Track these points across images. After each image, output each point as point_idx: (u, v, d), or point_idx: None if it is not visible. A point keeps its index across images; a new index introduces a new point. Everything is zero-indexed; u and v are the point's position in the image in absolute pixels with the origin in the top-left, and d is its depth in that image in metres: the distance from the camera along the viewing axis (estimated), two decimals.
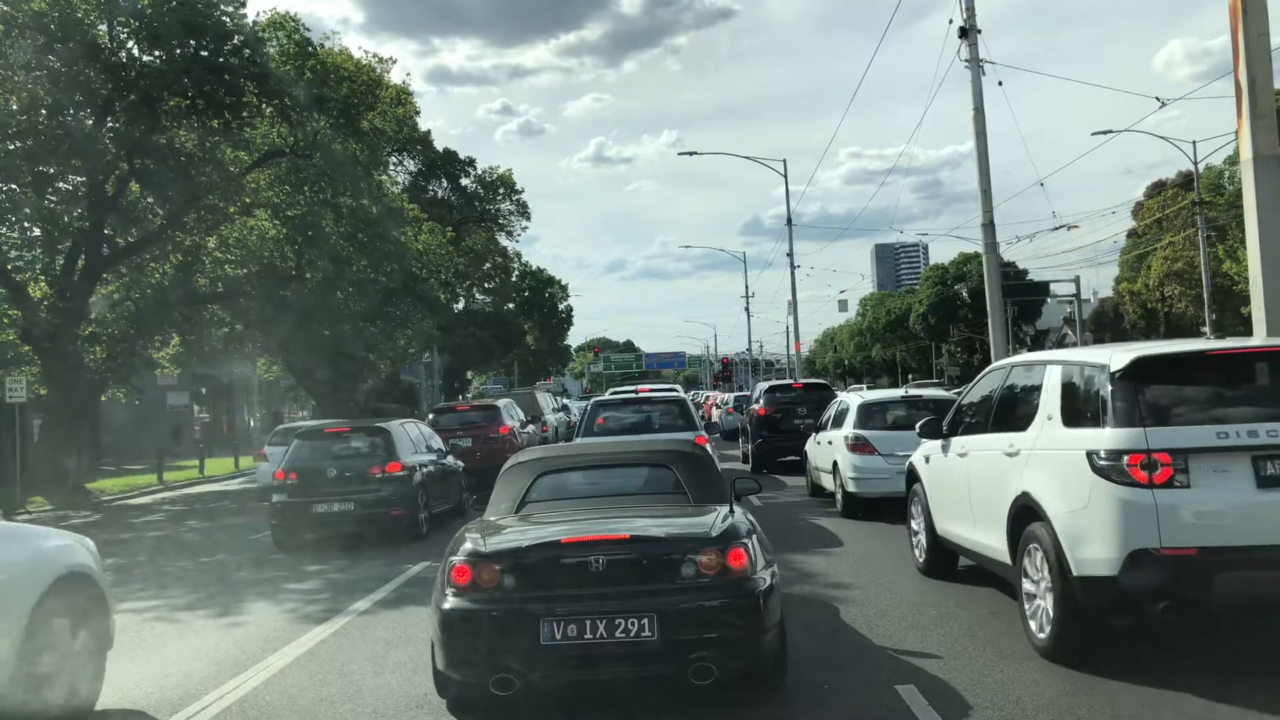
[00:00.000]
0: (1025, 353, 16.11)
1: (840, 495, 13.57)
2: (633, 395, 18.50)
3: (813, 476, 15.83)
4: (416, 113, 38.68)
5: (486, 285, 55.31)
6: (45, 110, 22.11)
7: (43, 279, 25.10)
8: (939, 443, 8.51)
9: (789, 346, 52.90)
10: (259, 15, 26.69)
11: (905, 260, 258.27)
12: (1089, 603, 5.78)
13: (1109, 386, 5.82)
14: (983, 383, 8.24)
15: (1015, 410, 7.12)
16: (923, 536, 8.92)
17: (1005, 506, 6.68)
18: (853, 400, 14.37)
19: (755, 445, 20.87)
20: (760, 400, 21.78)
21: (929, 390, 20.64)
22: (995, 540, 6.98)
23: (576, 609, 5.10)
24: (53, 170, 23.55)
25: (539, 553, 5.40)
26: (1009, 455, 6.78)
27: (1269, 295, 9.38)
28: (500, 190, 50.75)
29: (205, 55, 22.92)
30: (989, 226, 19.40)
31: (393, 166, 42.73)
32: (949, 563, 8.64)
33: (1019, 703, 5.33)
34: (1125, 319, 62.05)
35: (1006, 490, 6.68)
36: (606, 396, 19.65)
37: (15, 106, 21.70)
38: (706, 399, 47.77)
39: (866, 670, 6.14)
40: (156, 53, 22.89)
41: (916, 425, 9.07)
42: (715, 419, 37.19)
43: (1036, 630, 6.24)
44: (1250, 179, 9.46)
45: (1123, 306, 62.74)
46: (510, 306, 62.23)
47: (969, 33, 18.71)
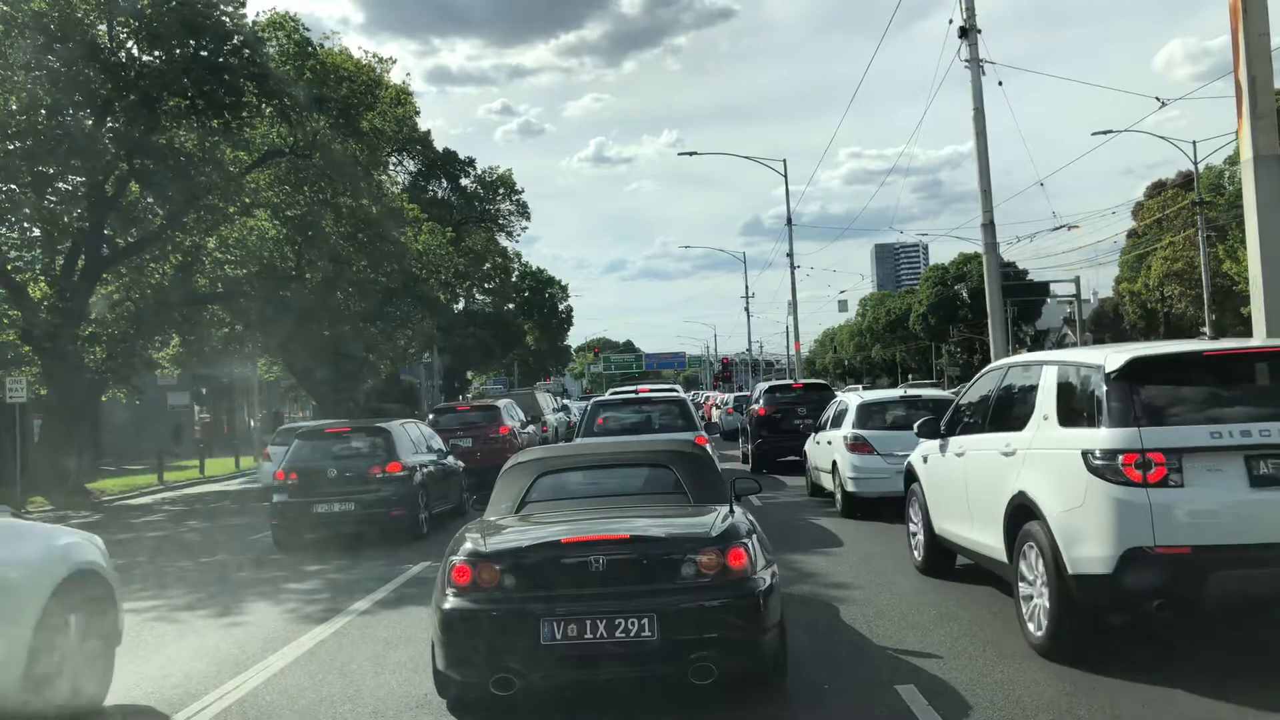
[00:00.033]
0: (1025, 353, 16.13)
1: (840, 495, 13.59)
2: (633, 395, 18.52)
3: (812, 476, 15.85)
4: (416, 113, 38.75)
5: (486, 285, 55.36)
6: (45, 110, 22.12)
7: (43, 279, 25.10)
8: (937, 442, 8.54)
9: (789, 347, 52.94)
10: (259, 15, 26.67)
11: (905, 260, 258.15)
12: (1084, 601, 5.82)
13: (1104, 387, 5.86)
14: (980, 383, 8.28)
15: (1012, 410, 7.16)
16: (921, 536, 8.95)
17: (1002, 506, 6.71)
18: (852, 400, 14.38)
19: (755, 445, 20.89)
20: (760, 400, 21.80)
21: (927, 390, 20.66)
22: (992, 539, 7.02)
23: (576, 609, 5.11)
24: (53, 170, 23.54)
25: (539, 553, 5.41)
26: (1006, 455, 6.82)
27: (1269, 295, 9.39)
28: (500, 190, 50.79)
29: (205, 55, 22.92)
30: (989, 226, 19.41)
31: (393, 166, 42.78)
32: (947, 562, 8.69)
33: (1019, 703, 5.34)
34: (1125, 319, 62.09)
35: (1003, 489, 6.71)
36: (606, 397, 19.65)
37: (15, 106, 21.71)
38: (706, 399, 47.77)
39: (866, 670, 6.15)
40: (156, 53, 22.89)
41: (914, 425, 9.11)
42: (715, 419, 37.20)
43: (1033, 628, 6.28)
44: (1250, 179, 9.48)
45: (1123, 307, 62.78)
46: (510, 307, 62.27)
47: (969, 33, 18.72)
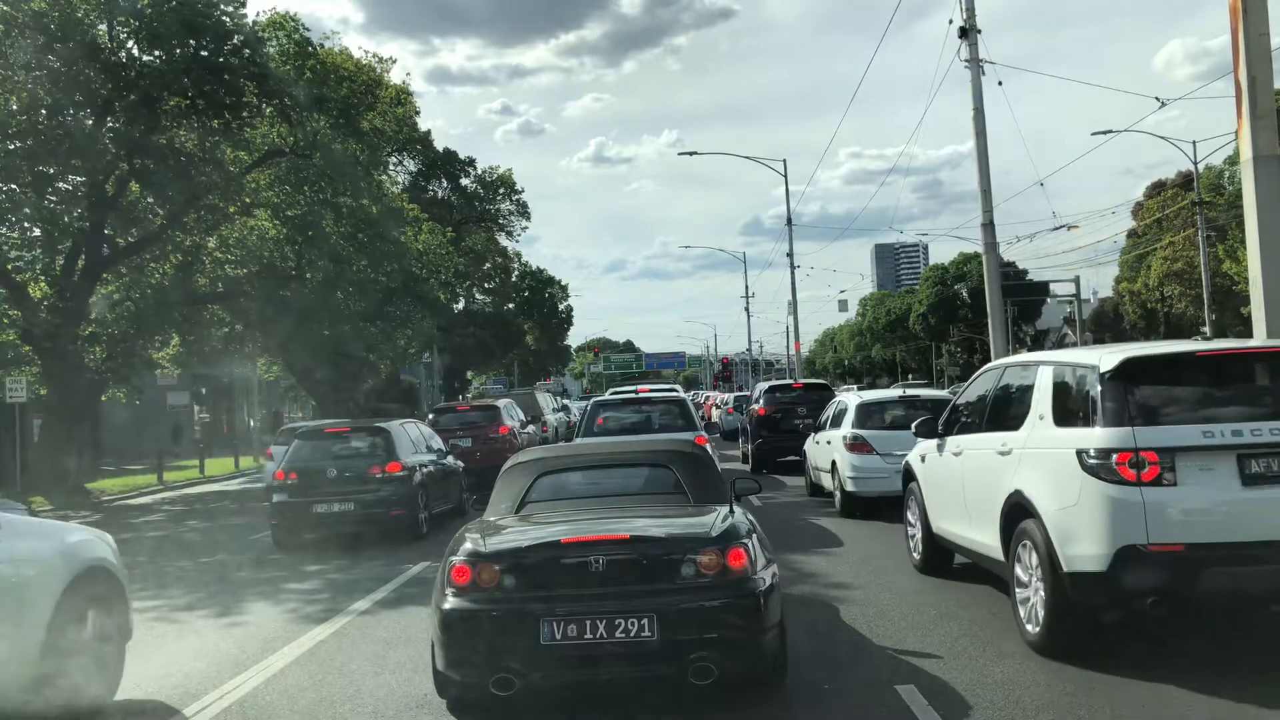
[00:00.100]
0: (1024, 353, 16.14)
1: (839, 495, 13.60)
2: (632, 395, 18.51)
3: (812, 476, 15.85)
4: (416, 113, 38.76)
5: (486, 285, 55.37)
6: (45, 110, 22.13)
7: (43, 279, 25.12)
8: (934, 442, 8.57)
9: (789, 346, 52.98)
10: (259, 15, 26.65)
11: (905, 260, 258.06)
12: (1079, 598, 5.86)
13: (1099, 387, 5.90)
14: (977, 383, 8.32)
15: (1008, 410, 7.20)
16: (919, 535, 8.98)
17: (998, 504, 6.76)
18: (851, 400, 14.39)
19: (755, 445, 20.89)
20: (760, 400, 21.80)
21: (925, 390, 20.67)
22: (989, 538, 7.05)
23: (576, 609, 5.11)
24: (53, 170, 23.55)
25: (539, 553, 5.41)
26: (1002, 454, 6.86)
27: (1269, 295, 9.41)
28: (500, 190, 50.79)
29: (205, 55, 22.92)
30: (989, 226, 19.42)
31: (393, 166, 42.77)
32: (944, 560, 8.72)
33: (1019, 702, 5.35)
34: (1125, 319, 62.08)
35: (1000, 488, 6.75)
36: (606, 396, 19.65)
37: (15, 106, 21.72)
38: (706, 399, 47.75)
39: (866, 670, 6.16)
40: (156, 53, 22.90)
41: (912, 425, 9.14)
42: (715, 419, 37.19)
43: (1029, 625, 6.31)
44: (1250, 179, 9.49)
45: (1123, 306, 62.76)
46: (510, 306, 62.29)
47: (969, 33, 18.73)
